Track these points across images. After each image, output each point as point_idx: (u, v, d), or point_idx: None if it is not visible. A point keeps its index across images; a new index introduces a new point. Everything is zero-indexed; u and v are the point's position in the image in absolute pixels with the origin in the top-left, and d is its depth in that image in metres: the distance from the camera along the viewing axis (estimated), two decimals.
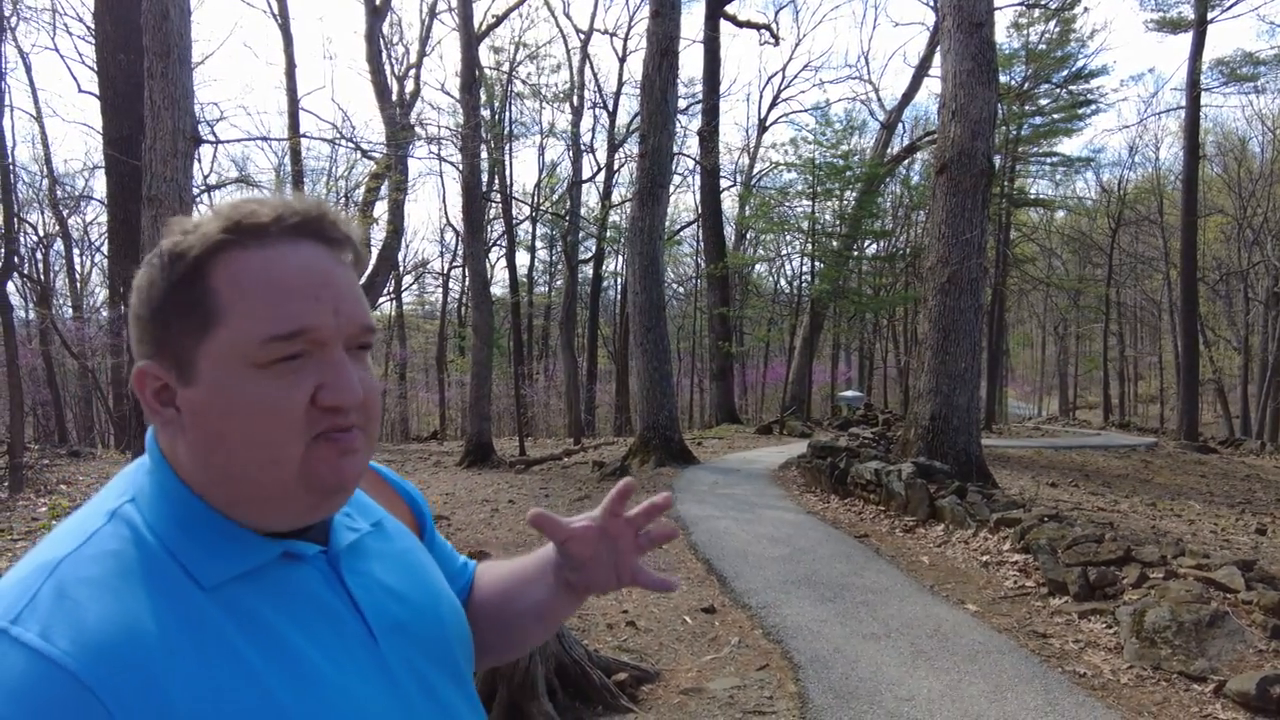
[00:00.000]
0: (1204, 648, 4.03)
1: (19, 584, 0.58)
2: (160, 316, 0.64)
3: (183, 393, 0.64)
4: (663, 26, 12.82)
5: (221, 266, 0.63)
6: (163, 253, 0.64)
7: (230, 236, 0.63)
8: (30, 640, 0.53)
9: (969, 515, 6.91)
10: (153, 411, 0.65)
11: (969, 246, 9.31)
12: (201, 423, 0.63)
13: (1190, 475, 14.17)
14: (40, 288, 22.98)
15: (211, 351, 0.62)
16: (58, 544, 0.61)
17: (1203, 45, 20.52)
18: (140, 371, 0.64)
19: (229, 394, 0.62)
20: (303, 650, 0.64)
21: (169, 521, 0.64)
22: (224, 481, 0.65)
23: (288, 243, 0.65)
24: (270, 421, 0.62)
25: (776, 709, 3.57)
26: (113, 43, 6.77)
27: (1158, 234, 32.16)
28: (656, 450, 12.36)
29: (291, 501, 0.66)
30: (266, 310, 0.62)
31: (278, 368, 0.62)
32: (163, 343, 0.64)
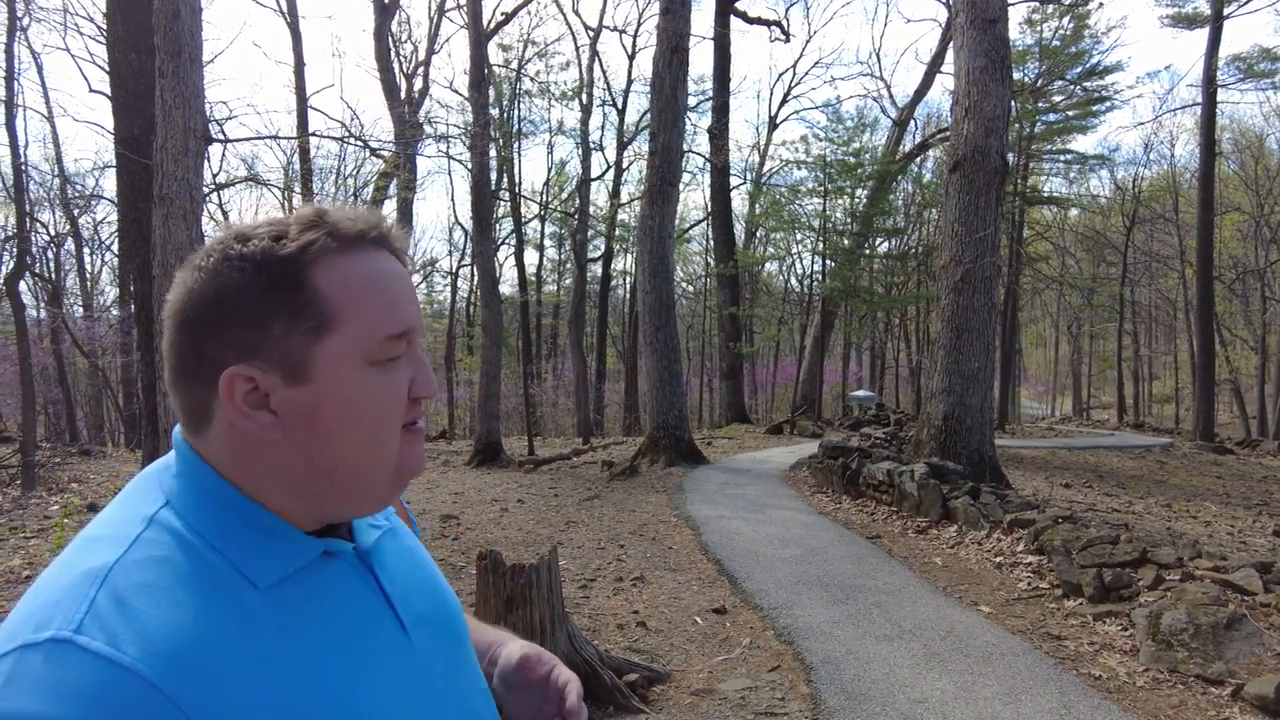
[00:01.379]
0: (1221, 650, 3.96)
1: (70, 592, 0.56)
2: (257, 321, 0.63)
3: (288, 393, 0.64)
4: (673, 24, 12.77)
5: (325, 272, 0.65)
6: (247, 256, 0.64)
7: (329, 243, 0.66)
8: (99, 649, 0.53)
9: (982, 516, 6.85)
10: (241, 415, 0.64)
11: (982, 244, 9.23)
12: (313, 421, 0.65)
13: (1206, 476, 14.02)
14: (52, 287, 23.14)
15: (330, 351, 0.65)
16: (97, 551, 0.60)
17: (1219, 41, 20.30)
18: (233, 375, 0.63)
19: (350, 390, 0.65)
20: (352, 643, 0.67)
21: (215, 524, 0.64)
22: (325, 477, 0.66)
23: (374, 252, 0.69)
24: (385, 414, 0.68)
25: (789, 710, 3.53)
26: (124, 42, 6.78)
27: (1173, 232, 31.87)
28: (666, 450, 12.32)
29: (380, 489, 0.70)
30: (380, 312, 0.67)
31: (387, 365, 0.67)
32: (260, 346, 0.64)
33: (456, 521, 7.97)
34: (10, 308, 11.20)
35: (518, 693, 0.89)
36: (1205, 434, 19.94)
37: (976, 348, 9.23)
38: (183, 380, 0.66)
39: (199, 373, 0.65)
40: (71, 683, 0.51)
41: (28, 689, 0.51)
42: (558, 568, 3.62)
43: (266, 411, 0.64)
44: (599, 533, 7.47)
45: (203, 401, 0.65)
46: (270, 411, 0.64)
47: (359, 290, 0.66)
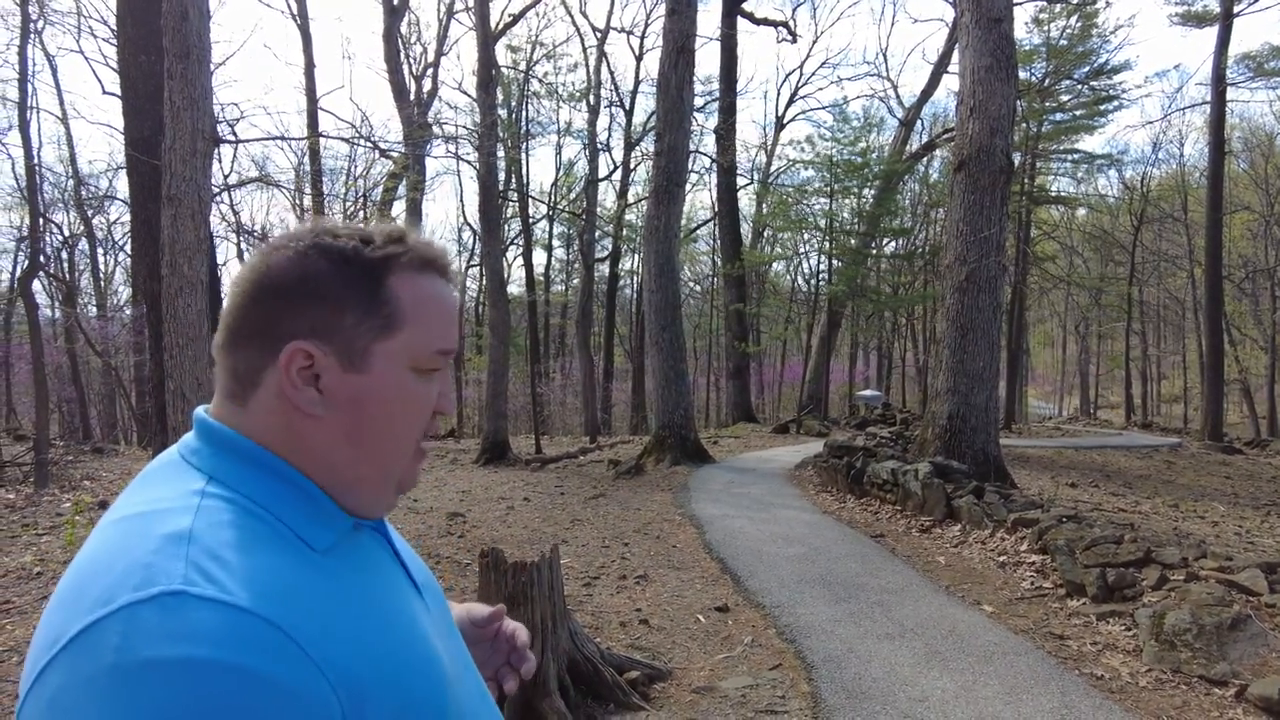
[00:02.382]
0: (1225, 651, 3.96)
1: (160, 554, 0.58)
2: (333, 304, 0.70)
3: (343, 378, 0.70)
4: (679, 24, 12.79)
5: (402, 282, 0.73)
6: (330, 249, 0.71)
7: (409, 259, 0.74)
8: (214, 594, 0.56)
9: (986, 515, 6.85)
10: (292, 387, 0.69)
11: (987, 244, 9.22)
12: (359, 408, 0.71)
13: (1214, 476, 13.95)
14: (66, 287, 23.31)
15: (390, 349, 0.71)
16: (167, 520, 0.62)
17: (1228, 39, 20.17)
18: (296, 349, 0.68)
19: (396, 389, 0.72)
20: (398, 597, 0.74)
21: (266, 492, 0.68)
22: (357, 463, 0.72)
23: (438, 276, 0.77)
24: (415, 417, 0.74)
25: (789, 708, 3.56)
26: (134, 44, 6.85)
27: (1182, 231, 31.66)
28: (672, 449, 12.34)
29: (388, 494, 0.76)
30: (438, 328, 0.74)
31: (427, 375, 0.75)
32: (330, 329, 0.70)
33: (463, 519, 8.01)
34: (24, 307, 11.31)
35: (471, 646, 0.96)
36: (1214, 434, 19.82)
37: (981, 347, 9.23)
38: (241, 344, 0.70)
39: (261, 340, 0.69)
40: (196, 626, 0.54)
41: (155, 638, 0.53)
42: (559, 566, 3.65)
43: (314, 390, 0.69)
44: (603, 531, 7.50)
45: (255, 369, 0.70)
46: (318, 390, 0.69)
47: (426, 305, 0.73)
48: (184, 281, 5.98)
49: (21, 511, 8.36)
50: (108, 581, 0.56)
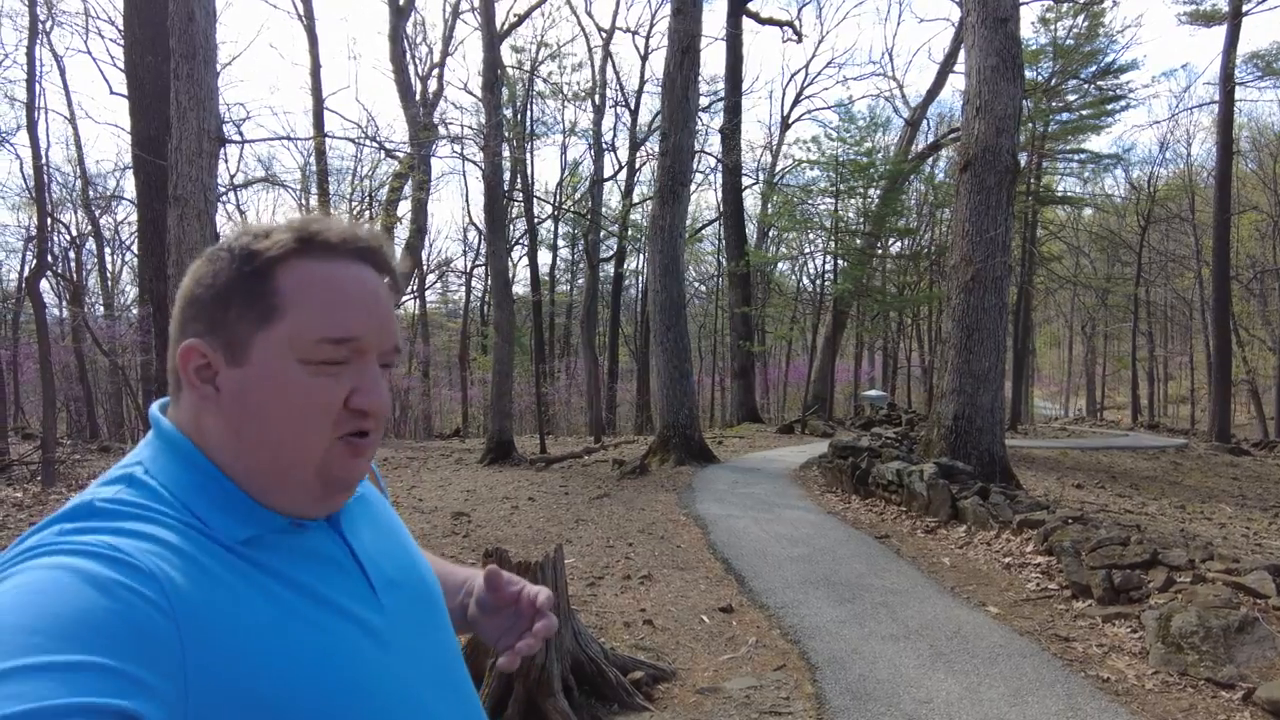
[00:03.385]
0: (1232, 654, 3.94)
1: (48, 526, 0.62)
2: (221, 301, 0.70)
3: (227, 372, 0.70)
4: (684, 24, 12.78)
5: (289, 270, 0.71)
6: (234, 249, 0.72)
7: (302, 246, 0.72)
8: (84, 544, 0.59)
9: (991, 516, 6.83)
10: (190, 385, 0.71)
11: (993, 244, 9.19)
12: (240, 402, 0.70)
13: (1222, 478, 13.89)
14: (73, 286, 23.41)
15: (267, 340, 0.70)
16: (84, 498, 0.66)
17: (1237, 38, 20.08)
18: (189, 347, 0.70)
19: (273, 381, 0.70)
20: (318, 601, 0.70)
21: (182, 484, 0.69)
22: (250, 457, 0.71)
23: (349, 262, 0.73)
24: (305, 413, 0.70)
25: (793, 709, 3.55)
26: (141, 45, 6.88)
27: (1189, 231, 31.53)
28: (676, 449, 12.34)
29: (305, 491, 0.73)
30: (324, 314, 0.70)
31: (322, 368, 0.71)
32: (218, 325, 0.70)
33: (468, 519, 8.02)
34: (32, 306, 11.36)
35: (492, 615, 0.95)
36: (1221, 435, 19.74)
37: (987, 348, 9.20)
38: (171, 344, 0.73)
39: (177, 342, 0.72)
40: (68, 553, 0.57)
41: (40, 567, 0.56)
42: (563, 565, 3.65)
43: (211, 386, 0.70)
44: (608, 531, 7.50)
45: (175, 367, 0.73)
46: (214, 387, 0.70)
47: (310, 291, 0.70)
48: None
49: (29, 510, 8.40)
50: (17, 541, 0.62)
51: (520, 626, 0.93)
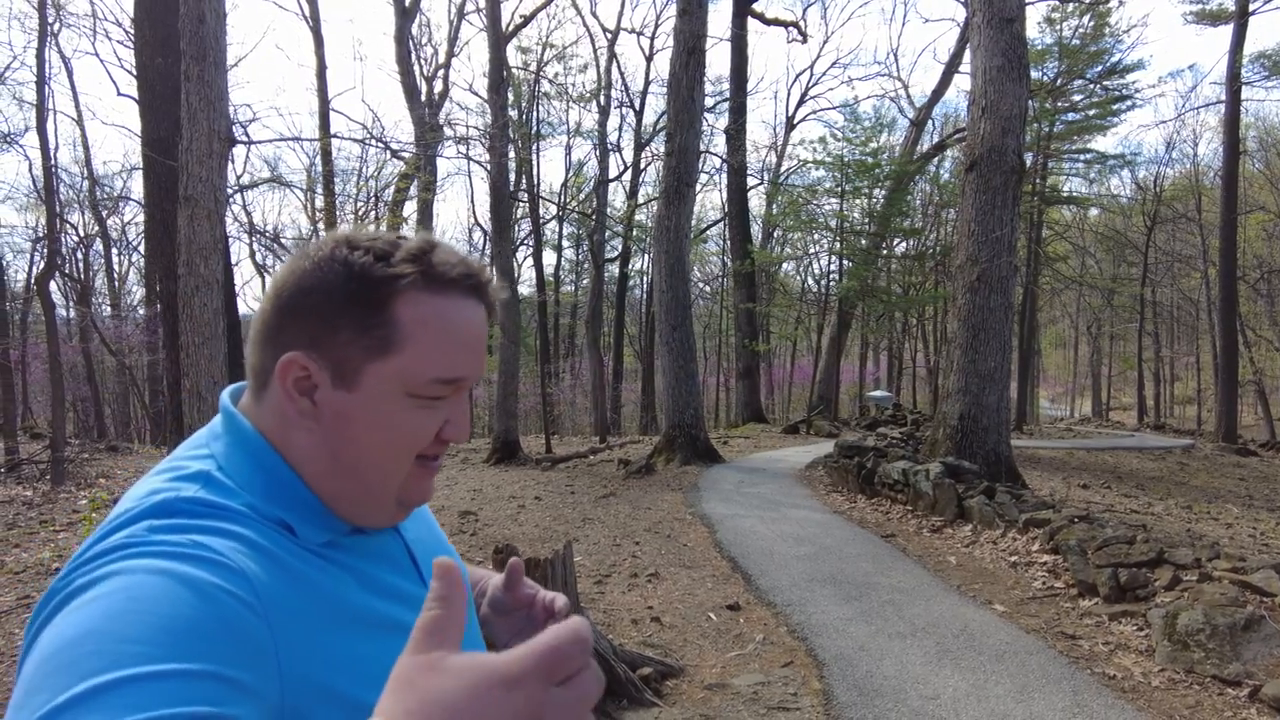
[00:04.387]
0: (1239, 651, 3.95)
1: (135, 523, 0.62)
2: (331, 320, 0.69)
3: (331, 393, 0.70)
4: (690, 25, 12.81)
5: (407, 303, 0.69)
6: (351, 264, 0.69)
7: (420, 278, 0.70)
8: (174, 543, 0.59)
9: (997, 516, 6.84)
10: (287, 396, 0.70)
11: (999, 244, 9.20)
12: (343, 425, 0.70)
13: (1228, 478, 13.87)
14: (81, 286, 23.53)
15: (381, 371, 0.69)
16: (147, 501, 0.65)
17: (1244, 38, 20.04)
18: (291, 360, 0.69)
19: (382, 412, 0.70)
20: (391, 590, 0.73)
21: (258, 487, 0.69)
22: (340, 477, 0.71)
23: (462, 298, 0.72)
24: (405, 444, 0.72)
25: (801, 705, 3.57)
26: (151, 47, 6.94)
27: (1195, 232, 31.43)
28: (682, 449, 12.36)
29: (382, 509, 0.74)
30: (439, 355, 0.70)
31: (426, 402, 0.71)
32: (325, 343, 0.69)
33: (474, 517, 8.06)
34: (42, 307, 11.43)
35: (504, 617, 0.95)
36: (1228, 435, 19.70)
37: (993, 347, 9.21)
38: (260, 345, 0.72)
39: (273, 344, 0.71)
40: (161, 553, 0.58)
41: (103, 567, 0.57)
42: (572, 562, 3.68)
43: (309, 400, 0.70)
44: (614, 530, 7.53)
45: (267, 369, 0.71)
46: (312, 402, 0.70)
47: (429, 330, 0.70)
48: (200, 281, 6.05)
49: (39, 508, 8.46)
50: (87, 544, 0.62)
51: (531, 631, 0.91)
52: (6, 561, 6.24)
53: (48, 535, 7.15)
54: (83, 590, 0.56)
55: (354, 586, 0.70)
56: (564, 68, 27.75)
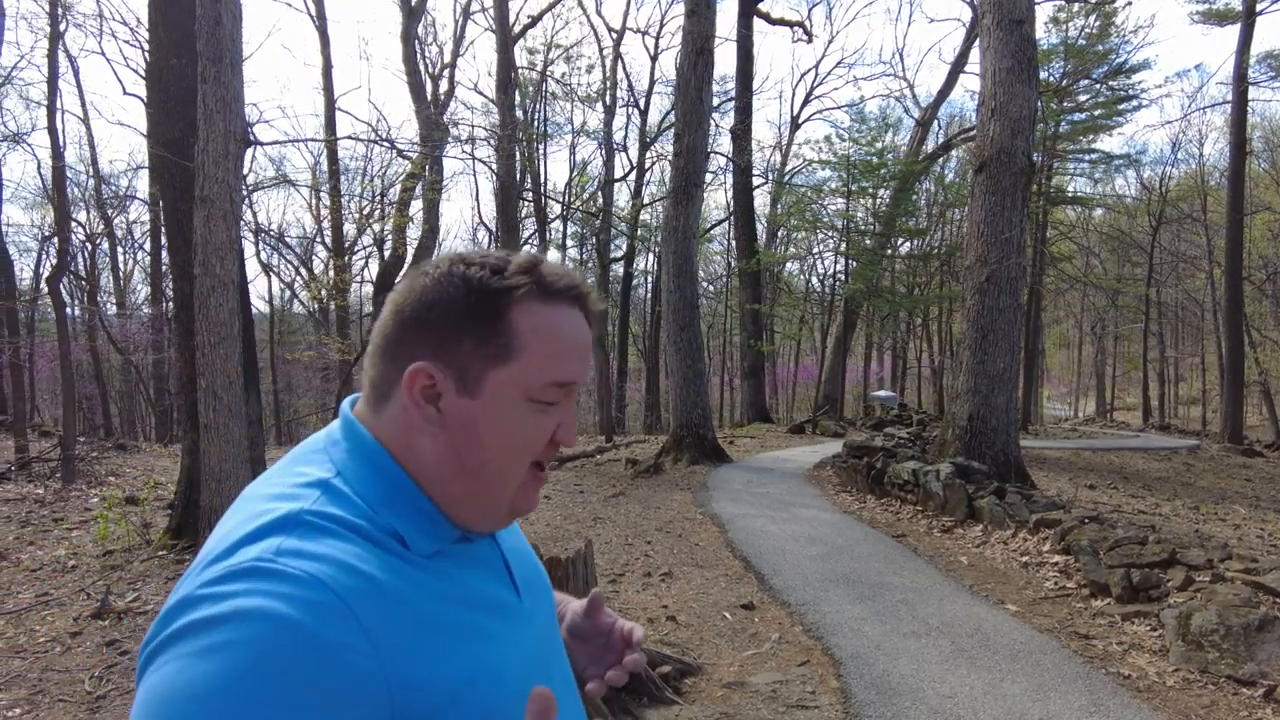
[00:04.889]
0: (1253, 652, 3.98)
1: (267, 537, 0.65)
2: (454, 331, 0.74)
3: (455, 400, 0.74)
4: (698, 26, 12.84)
5: (522, 312, 0.75)
6: (469, 279, 0.75)
7: (533, 288, 0.75)
8: (300, 567, 0.62)
9: (1008, 516, 6.87)
10: (414, 404, 0.74)
11: (1008, 245, 9.22)
12: (467, 429, 0.74)
13: (1235, 479, 13.87)
14: (89, 286, 23.61)
15: (501, 378, 0.74)
16: (276, 507, 0.69)
17: (1251, 38, 20.02)
18: (419, 370, 0.73)
19: (503, 417, 0.75)
20: (482, 604, 0.76)
21: (378, 496, 0.73)
22: (463, 480, 0.76)
23: (568, 307, 0.78)
24: (524, 446, 0.77)
25: (819, 703, 3.61)
26: (165, 48, 6.97)
27: (1201, 232, 31.40)
28: (690, 448, 12.40)
29: (496, 513, 0.79)
30: (554, 360, 0.76)
31: (543, 406, 0.76)
32: (448, 353, 0.74)
33: None
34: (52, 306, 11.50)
35: (582, 642, 0.98)
36: (1233, 436, 19.69)
37: (1002, 348, 9.23)
38: (382, 357, 0.77)
39: (397, 355, 0.75)
40: (268, 589, 0.60)
41: (235, 598, 0.60)
42: (593, 559, 3.72)
43: (434, 408, 0.74)
44: (626, 529, 7.57)
45: (389, 381, 0.76)
46: (437, 409, 0.74)
47: (543, 337, 0.75)
48: (216, 281, 6.08)
49: (51, 506, 8.52)
50: (220, 551, 0.65)
51: (609, 659, 0.96)
52: (23, 559, 6.30)
53: (61, 533, 7.21)
54: (210, 627, 0.59)
55: (456, 595, 0.73)
56: (571, 68, 27.80)
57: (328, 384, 28.15)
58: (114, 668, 4.17)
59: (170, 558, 6.19)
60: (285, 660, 0.58)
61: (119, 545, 6.50)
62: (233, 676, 0.56)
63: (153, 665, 0.59)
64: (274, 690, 0.57)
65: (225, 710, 0.55)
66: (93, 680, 4.02)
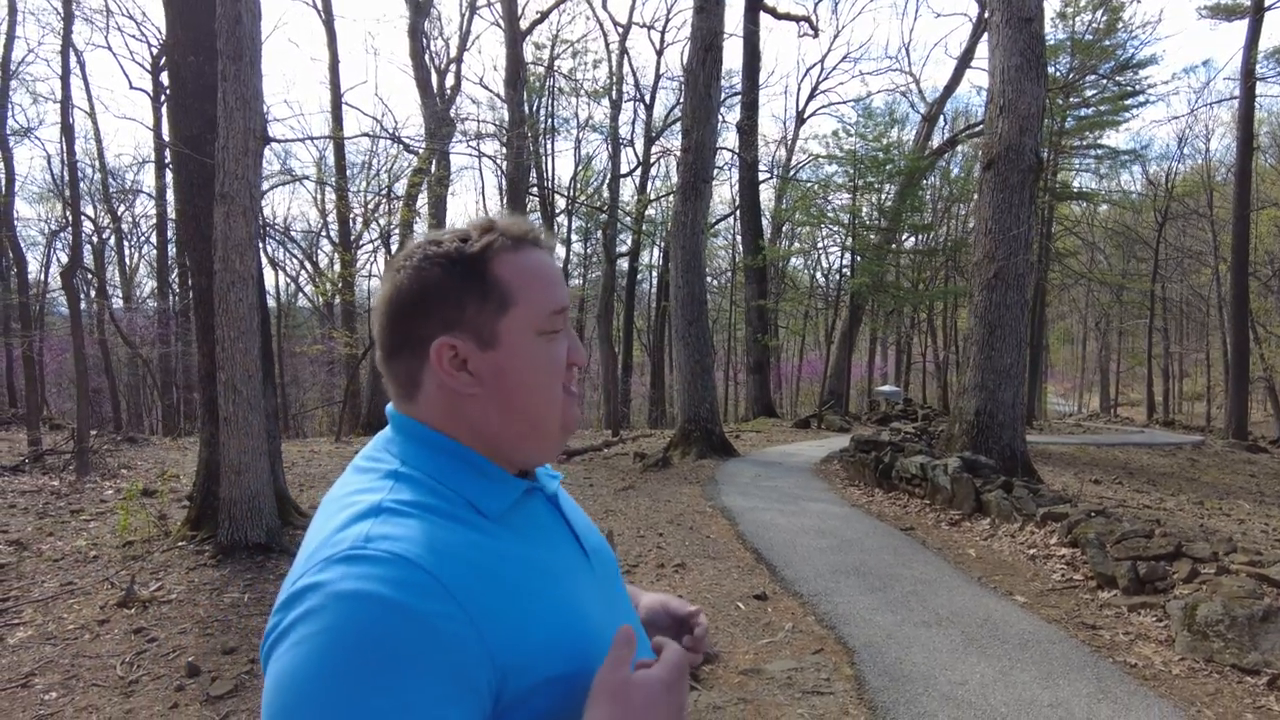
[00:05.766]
0: (1257, 641, 4.07)
1: (355, 525, 0.73)
2: (455, 302, 0.82)
3: (483, 357, 0.82)
4: (707, 22, 12.88)
5: (501, 264, 0.83)
6: (445, 256, 0.83)
7: (497, 244, 0.84)
8: (386, 550, 0.69)
9: (1015, 509, 6.96)
10: (447, 376, 0.82)
11: (1016, 242, 9.28)
12: (504, 378, 0.83)
13: (1239, 474, 13.94)
14: (98, 280, 23.72)
15: (512, 324, 0.83)
16: (364, 498, 0.77)
17: (1259, 33, 20.01)
18: (442, 344, 0.81)
19: (527, 354, 0.84)
20: (560, 557, 0.85)
21: (444, 471, 0.81)
22: (515, 423, 0.84)
23: (533, 249, 0.87)
24: (552, 373, 0.86)
25: (834, 690, 3.70)
26: (183, 46, 7.05)
27: (1207, 228, 31.38)
28: (697, 442, 12.49)
29: (553, 439, 0.88)
30: (545, 293, 0.85)
31: (550, 335, 0.85)
32: (457, 322, 0.82)
33: None
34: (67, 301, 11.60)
35: (653, 630, 1.04)
36: (1238, 432, 19.73)
37: (1009, 344, 9.30)
38: (395, 357, 0.84)
39: (410, 348, 0.83)
40: (369, 572, 0.67)
41: (343, 581, 0.67)
42: (613, 550, 3.81)
43: (466, 373, 0.82)
44: (637, 522, 7.66)
45: (413, 370, 0.84)
46: (469, 373, 0.82)
47: (528, 276, 0.84)
48: (235, 276, 6.17)
49: (68, 498, 8.64)
50: (317, 546, 0.73)
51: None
52: (44, 550, 6.41)
53: (79, 525, 7.32)
54: (315, 615, 0.66)
55: (531, 557, 0.80)
56: (578, 63, 27.82)
57: (333, 378, 28.29)
58: (143, 654, 4.27)
59: (190, 549, 6.29)
60: (387, 636, 0.64)
61: (138, 536, 6.61)
62: (340, 658, 0.63)
63: (273, 656, 0.68)
64: (380, 665, 0.63)
65: (337, 689, 0.63)
66: (124, 666, 4.13)
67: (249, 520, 6.12)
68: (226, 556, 5.98)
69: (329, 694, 0.63)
